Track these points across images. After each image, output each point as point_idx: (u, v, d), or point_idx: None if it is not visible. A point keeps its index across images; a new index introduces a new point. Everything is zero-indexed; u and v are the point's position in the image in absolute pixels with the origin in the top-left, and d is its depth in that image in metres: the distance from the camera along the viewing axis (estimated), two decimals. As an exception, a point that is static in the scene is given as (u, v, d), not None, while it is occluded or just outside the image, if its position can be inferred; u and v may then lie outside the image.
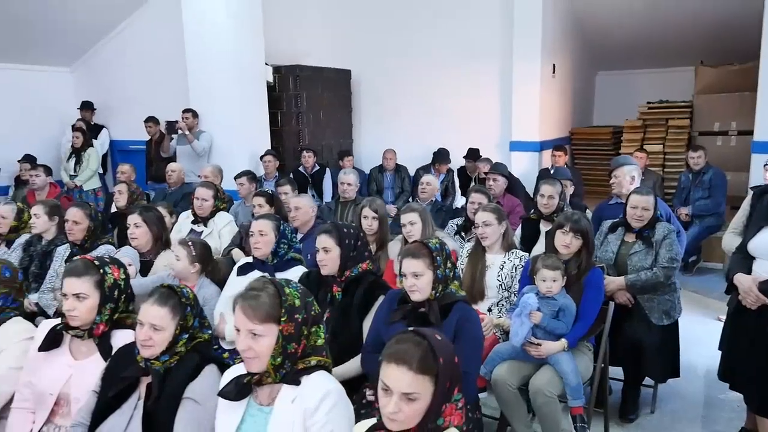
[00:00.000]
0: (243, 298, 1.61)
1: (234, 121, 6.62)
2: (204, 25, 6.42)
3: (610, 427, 3.24)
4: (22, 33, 7.28)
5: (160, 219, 3.35)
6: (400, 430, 1.38)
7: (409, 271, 2.35)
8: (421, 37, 7.84)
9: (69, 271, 2.03)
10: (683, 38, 7.51)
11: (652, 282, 3.23)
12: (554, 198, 3.77)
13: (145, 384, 1.86)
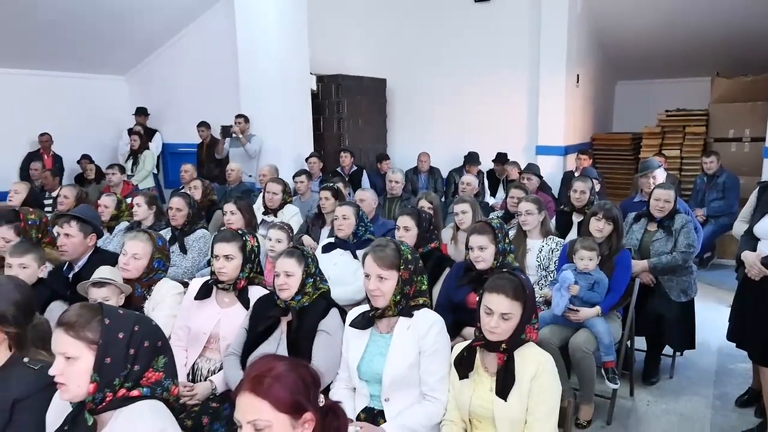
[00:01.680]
0: (373, 251, 2.19)
1: (281, 126, 7.21)
2: (256, 38, 7.03)
3: (635, 388, 3.77)
4: (82, 44, 7.93)
5: (250, 207, 3.94)
6: (496, 340, 1.94)
7: (476, 245, 2.92)
8: (451, 49, 8.42)
9: (220, 238, 2.62)
10: (699, 51, 8.01)
11: (671, 265, 3.77)
12: (585, 193, 4.33)
13: (285, 322, 2.44)
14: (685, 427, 3.36)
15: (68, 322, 1.51)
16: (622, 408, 3.54)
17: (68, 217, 3.03)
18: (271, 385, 1.27)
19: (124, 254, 2.71)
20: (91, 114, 8.82)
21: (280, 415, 1.26)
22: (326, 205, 4.50)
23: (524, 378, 1.91)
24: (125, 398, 1.53)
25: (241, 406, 1.27)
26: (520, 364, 1.93)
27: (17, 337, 1.86)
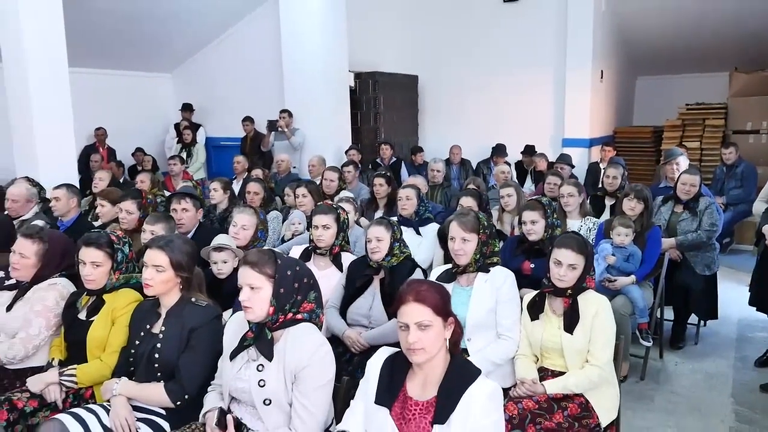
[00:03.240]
0: (457, 218, 2.67)
1: (322, 120, 7.71)
2: (299, 39, 7.53)
3: (664, 352, 4.23)
4: (132, 44, 8.47)
5: (318, 190, 4.44)
6: (564, 287, 2.42)
7: (529, 219, 3.40)
8: (480, 46, 8.88)
9: (319, 211, 3.12)
10: (718, 47, 8.41)
11: (696, 242, 4.22)
12: (617, 178, 4.78)
13: (378, 279, 2.93)
14: (710, 383, 3.81)
15: (252, 261, 2.01)
16: (653, 367, 4.00)
17: (182, 195, 3.54)
18: (429, 295, 1.76)
19: (234, 225, 3.22)
20: (140, 110, 9.38)
21: (437, 318, 1.75)
22: (380, 190, 4.99)
23: (587, 316, 2.38)
24: (292, 320, 2.03)
25: (407, 312, 1.75)
26: (582, 305, 2.41)
27: (186, 281, 2.36)
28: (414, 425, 1.73)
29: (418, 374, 1.81)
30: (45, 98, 5.37)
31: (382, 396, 1.79)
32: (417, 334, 1.73)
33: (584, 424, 2.27)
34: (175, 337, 2.26)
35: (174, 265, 2.29)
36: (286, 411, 1.96)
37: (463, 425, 1.66)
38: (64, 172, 5.52)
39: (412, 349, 1.74)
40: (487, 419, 1.67)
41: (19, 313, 2.61)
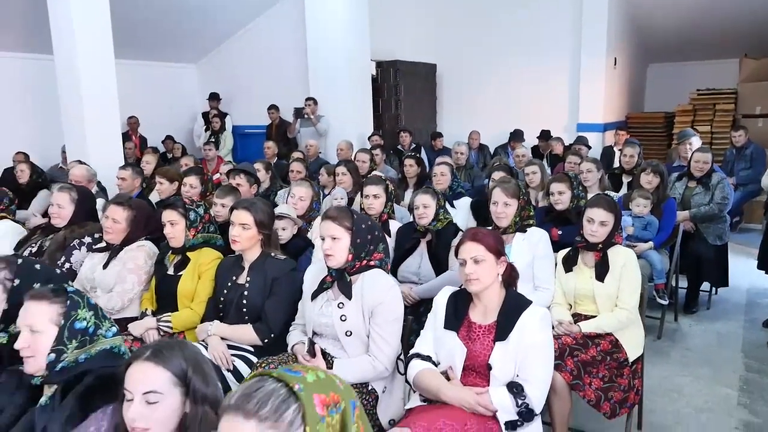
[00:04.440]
0: (499, 184, 3.01)
1: (346, 107, 8.04)
2: (324, 29, 7.85)
3: (678, 316, 4.56)
4: (157, 34, 8.79)
5: (356, 169, 4.79)
6: (595, 242, 2.76)
7: (557, 190, 3.74)
8: (496, 34, 9.17)
9: (369, 181, 3.47)
10: (728, 34, 8.67)
11: (709, 214, 4.54)
12: (634, 156, 5.11)
13: (424, 242, 3.28)
14: (722, 341, 4.15)
15: (333, 215, 2.35)
16: (669, 329, 4.34)
17: (238, 171, 3.90)
18: (484, 237, 2.11)
19: (293, 197, 3.57)
20: (166, 100, 9.74)
21: (489, 254, 2.09)
22: (410, 171, 5.32)
23: (616, 266, 2.72)
24: (366, 266, 2.38)
25: (465, 249, 2.10)
26: (612, 257, 2.75)
27: (267, 238, 2.72)
28: (479, 344, 2.07)
29: (478, 305, 2.16)
30: (94, 88, 5.76)
31: (450, 322, 2.14)
32: (473, 267, 2.08)
33: (615, 358, 2.61)
34: (260, 285, 2.62)
35: (257, 223, 2.64)
36: (365, 341, 2.31)
37: (519, 342, 2.01)
38: (112, 156, 5.90)
39: (469, 279, 2.09)
40: (539, 336, 2.02)
41: (113, 270, 2.97)
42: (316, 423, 0.95)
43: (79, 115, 5.74)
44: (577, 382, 2.48)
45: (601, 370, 2.57)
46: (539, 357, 2.01)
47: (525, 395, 1.95)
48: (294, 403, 0.96)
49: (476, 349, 2.07)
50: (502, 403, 1.95)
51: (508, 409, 1.95)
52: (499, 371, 2.01)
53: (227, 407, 0.98)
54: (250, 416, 0.94)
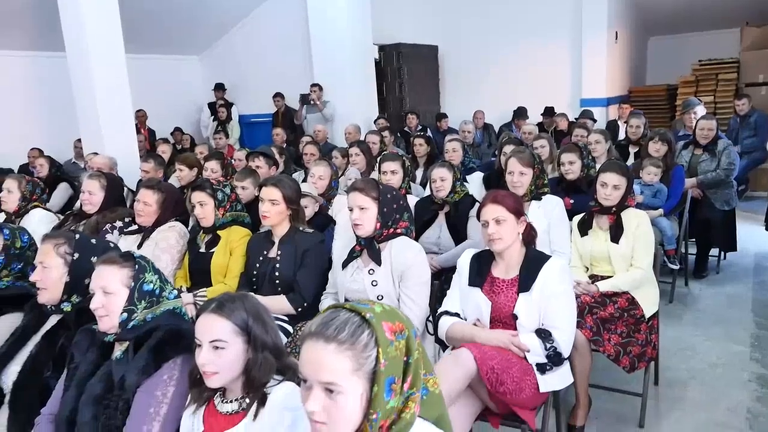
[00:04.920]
0: (514, 154, 3.13)
1: (350, 92, 8.11)
2: (326, 16, 7.91)
3: (689, 281, 4.68)
4: (159, 28, 8.85)
5: (369, 149, 4.90)
6: (609, 205, 2.88)
7: (567, 161, 3.84)
8: (497, 14, 9.21)
9: (386, 158, 3.58)
10: (728, 3, 8.69)
11: (716, 180, 4.65)
12: (640, 127, 5.20)
13: (442, 214, 3.40)
14: (732, 302, 4.27)
15: (360, 187, 2.47)
16: (680, 293, 4.46)
17: (257, 153, 4.02)
18: (504, 198, 2.23)
19: (312, 176, 3.69)
20: (170, 92, 9.81)
21: (510, 215, 2.21)
22: (420, 150, 5.42)
23: (630, 228, 2.84)
24: (393, 234, 2.50)
25: (487, 211, 2.22)
26: (625, 219, 2.86)
27: (295, 213, 2.84)
28: (503, 296, 2.20)
29: (500, 263, 2.28)
30: (106, 83, 5.86)
31: (474, 279, 2.27)
32: (495, 227, 2.21)
33: (632, 315, 2.73)
34: (290, 258, 2.75)
35: (286, 198, 2.76)
36: (395, 304, 2.44)
37: (542, 292, 2.14)
38: (127, 147, 6.02)
39: (492, 239, 2.21)
40: (560, 286, 2.15)
41: (147, 251, 3.08)
42: (386, 346, 1.08)
43: (94, 109, 5.84)
44: (597, 338, 2.61)
45: (619, 326, 2.70)
46: (562, 305, 2.14)
47: (553, 339, 2.09)
48: (367, 329, 1.08)
49: (500, 301, 2.20)
50: (533, 347, 2.09)
51: (537, 352, 2.09)
52: (524, 320, 2.14)
53: (308, 334, 1.11)
54: (330, 341, 1.07)
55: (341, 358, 1.05)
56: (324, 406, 1.05)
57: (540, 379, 2.15)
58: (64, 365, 1.76)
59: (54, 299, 1.86)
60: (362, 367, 1.06)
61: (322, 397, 1.05)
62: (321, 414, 1.05)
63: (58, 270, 1.85)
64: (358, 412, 1.06)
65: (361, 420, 1.07)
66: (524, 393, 2.12)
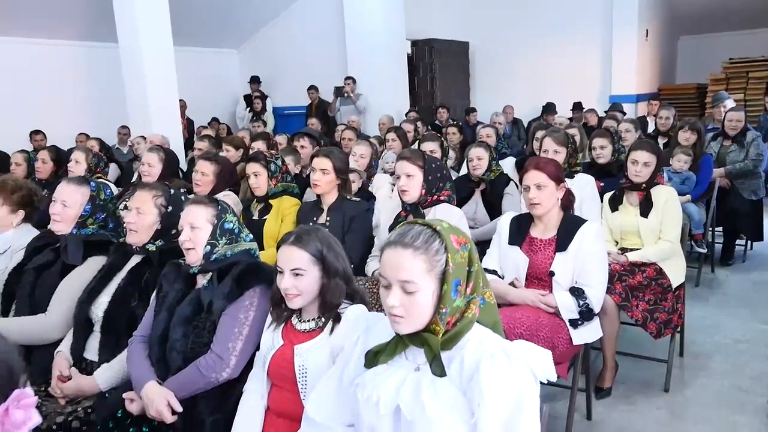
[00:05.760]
0: (550, 134, 3.30)
1: (383, 86, 8.36)
2: (361, 11, 8.18)
3: (715, 268, 4.79)
4: (200, 22, 9.15)
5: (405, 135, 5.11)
6: (639, 182, 3.03)
7: (598, 145, 3.99)
8: (528, 10, 9.35)
9: (425, 138, 3.78)
10: (758, 2, 8.71)
11: (744, 170, 4.75)
12: (670, 119, 5.32)
13: (478, 191, 3.59)
14: (757, 287, 4.38)
15: (407, 156, 2.68)
16: (706, 279, 4.57)
17: (302, 134, 4.26)
18: (546, 165, 2.41)
19: (354, 155, 3.90)
20: (209, 83, 10.14)
21: (551, 181, 2.39)
22: (453, 138, 5.62)
23: (659, 203, 2.99)
24: (437, 200, 2.70)
25: (529, 176, 2.40)
26: (654, 195, 3.02)
27: (344, 182, 3.06)
28: (540, 255, 2.39)
29: (538, 224, 2.47)
30: (155, 73, 6.20)
31: (513, 238, 2.46)
32: (536, 192, 2.39)
33: (659, 284, 2.89)
34: (339, 223, 2.96)
35: (336, 169, 2.98)
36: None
37: (577, 252, 2.32)
38: (173, 133, 6.32)
39: (533, 203, 2.40)
40: (594, 247, 2.32)
41: (203, 218, 3.34)
42: (454, 253, 1.28)
43: (144, 98, 6.17)
44: (626, 303, 2.77)
45: (647, 294, 2.86)
46: (596, 264, 2.32)
47: (586, 296, 2.27)
48: (438, 238, 1.28)
49: (538, 259, 2.38)
50: (566, 304, 2.27)
51: (571, 308, 2.27)
52: (560, 277, 2.32)
53: (388, 243, 1.31)
54: (407, 246, 1.27)
55: (417, 260, 1.26)
56: (402, 301, 1.25)
57: (573, 333, 2.33)
58: (149, 297, 2.00)
59: (141, 241, 2.09)
60: (434, 269, 1.26)
61: (400, 294, 1.26)
62: (399, 309, 1.25)
63: (152, 217, 2.10)
64: (430, 308, 1.26)
65: (432, 315, 1.27)
66: (557, 349, 2.29)
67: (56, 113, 7.84)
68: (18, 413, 0.91)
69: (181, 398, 1.69)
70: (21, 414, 0.91)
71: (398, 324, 1.27)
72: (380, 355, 1.32)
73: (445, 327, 1.28)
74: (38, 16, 7.34)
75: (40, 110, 7.65)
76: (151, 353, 1.81)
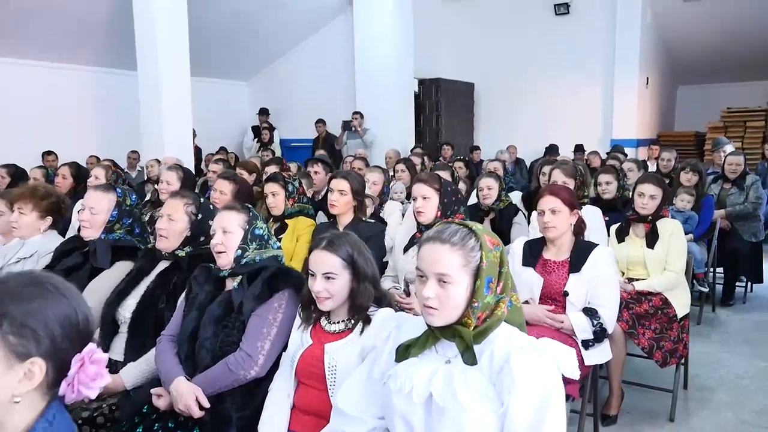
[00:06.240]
0: (559, 165, 3.41)
1: (390, 122, 8.57)
2: (371, 49, 8.47)
3: (716, 308, 4.86)
4: (213, 54, 9.40)
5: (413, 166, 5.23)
6: (645, 214, 3.13)
7: (604, 181, 4.10)
8: (532, 55, 9.66)
9: (437, 167, 3.89)
10: (757, 56, 9.02)
11: (744, 212, 4.87)
12: (671, 161, 5.47)
13: (488, 220, 3.68)
14: (758, 326, 4.43)
15: (423, 179, 2.78)
16: (707, 318, 4.63)
17: (316, 160, 4.37)
18: (560, 191, 2.51)
19: (367, 182, 4.00)
20: (218, 114, 10.34)
21: (564, 207, 2.48)
22: (460, 172, 5.75)
23: (665, 234, 3.09)
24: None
25: (544, 201, 2.49)
26: (660, 227, 3.11)
27: (359, 204, 3.15)
28: (554, 275, 2.46)
29: (551, 248, 2.55)
30: (172, 101, 6.39)
31: (527, 260, 2.54)
32: (550, 216, 2.48)
33: (665, 313, 2.95)
34: (354, 244, 3.04)
35: (353, 190, 3.08)
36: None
37: (591, 273, 2.39)
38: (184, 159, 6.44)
39: (546, 227, 2.48)
40: (607, 269, 2.40)
41: (219, 235, 3.41)
42: (488, 252, 1.36)
43: (158, 125, 6.34)
44: (632, 331, 2.84)
45: (653, 322, 2.92)
46: (609, 285, 2.39)
47: (599, 316, 2.33)
48: (473, 237, 1.37)
49: (552, 279, 2.46)
50: (581, 324, 2.33)
51: (585, 328, 2.34)
52: (574, 298, 2.39)
53: (426, 239, 1.40)
54: (445, 242, 1.35)
55: (453, 255, 1.33)
56: (437, 293, 1.33)
57: (584, 354, 2.39)
58: (176, 300, 2.07)
59: (171, 247, 2.17)
60: (469, 264, 1.34)
61: (435, 287, 1.33)
62: (434, 300, 1.32)
63: (183, 224, 2.18)
64: (463, 301, 1.33)
65: (464, 309, 1.34)
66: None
67: (68, 135, 7.98)
68: (92, 368, 0.97)
69: (208, 395, 1.74)
70: (94, 369, 0.97)
71: (432, 316, 1.34)
72: (411, 348, 1.38)
73: (476, 322, 1.35)
74: (59, 42, 7.56)
75: (53, 132, 7.80)
76: (179, 351, 1.86)
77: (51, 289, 0.99)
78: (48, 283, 1.00)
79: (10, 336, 0.93)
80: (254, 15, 8.78)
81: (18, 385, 0.94)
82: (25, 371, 0.94)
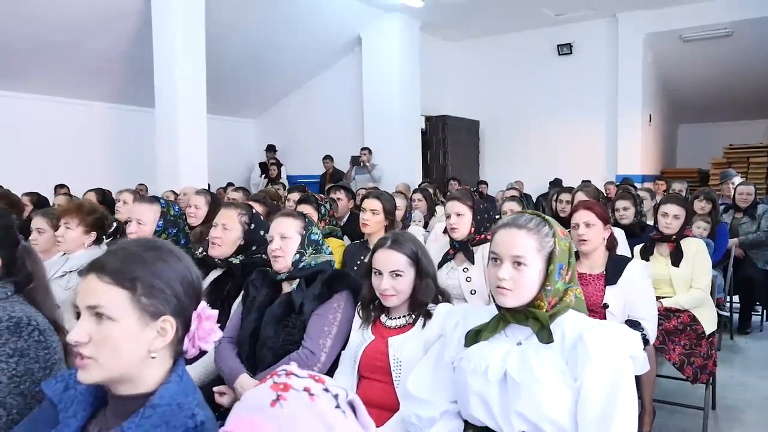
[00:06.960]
0: (583, 189, 3.50)
1: (398, 158, 8.75)
2: (379, 88, 8.74)
3: (734, 335, 4.89)
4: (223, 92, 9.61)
5: (430, 196, 5.32)
6: (669, 233, 3.20)
7: (622, 206, 4.18)
8: (536, 94, 9.90)
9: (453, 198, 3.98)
10: (758, 95, 9.28)
11: (757, 241, 4.96)
12: (683, 191, 5.59)
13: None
14: (778, 353, 4.47)
15: (457, 196, 2.87)
16: (726, 345, 4.66)
17: (338, 187, 4.46)
18: (594, 206, 2.59)
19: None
20: (226, 150, 10.50)
21: (599, 221, 2.55)
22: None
23: (689, 253, 3.16)
24: (484, 239, 2.85)
25: (578, 216, 2.57)
26: (684, 246, 3.19)
27: (391, 223, 3.22)
28: (591, 287, 2.51)
29: (585, 262, 2.61)
30: (188, 138, 6.54)
31: None
32: (585, 229, 2.56)
33: (694, 329, 3.00)
34: (386, 262, 3.10)
35: (385, 210, 3.15)
36: (485, 299, 2.75)
37: (627, 286, 2.45)
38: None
39: (581, 240, 2.55)
40: (644, 282, 2.46)
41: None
42: (560, 239, 1.42)
43: (174, 161, 6.47)
44: (663, 347, 2.87)
45: (682, 339, 2.96)
46: (647, 298, 2.45)
47: (642, 328, 2.38)
48: (547, 225, 1.44)
49: (589, 291, 2.51)
50: (629, 334, 2.38)
51: (632, 339, 2.38)
52: (614, 309, 2.44)
53: (501, 225, 1.46)
54: (521, 227, 1.42)
55: (529, 239, 1.40)
56: (511, 275, 1.39)
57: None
58: (230, 305, 2.11)
59: (224, 255, 2.23)
60: (543, 249, 1.40)
61: (510, 269, 1.39)
62: (508, 282, 1.38)
63: (236, 233, 2.25)
64: (536, 284, 1.39)
65: (537, 292, 1.40)
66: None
67: (81, 169, 8.08)
68: (207, 323, 1.03)
69: (270, 392, 1.77)
70: (209, 324, 1.03)
71: (505, 296, 1.40)
72: (482, 333, 1.44)
73: (547, 306, 1.41)
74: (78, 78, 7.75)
75: (66, 165, 7.90)
76: (240, 351, 1.90)
77: (166, 251, 1.06)
78: (163, 247, 1.07)
79: (143, 297, 1.00)
80: (264, 54, 9.03)
81: (153, 342, 1.00)
82: (158, 329, 1.00)
